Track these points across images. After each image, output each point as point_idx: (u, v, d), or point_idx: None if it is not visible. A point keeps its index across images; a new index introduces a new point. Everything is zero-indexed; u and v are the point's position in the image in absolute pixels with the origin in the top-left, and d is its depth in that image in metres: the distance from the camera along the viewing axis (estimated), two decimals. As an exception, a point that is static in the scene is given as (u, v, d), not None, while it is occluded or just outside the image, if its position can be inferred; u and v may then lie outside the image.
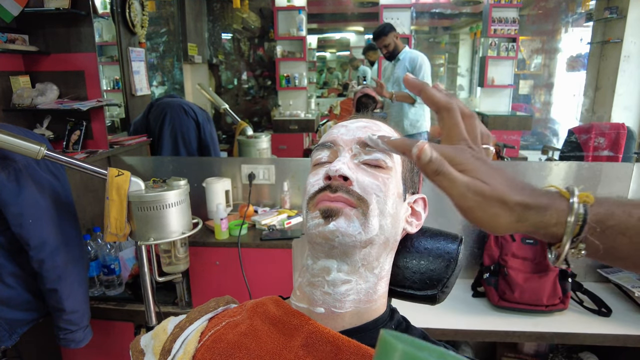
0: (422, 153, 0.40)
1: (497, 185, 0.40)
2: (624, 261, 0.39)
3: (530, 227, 0.40)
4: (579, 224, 0.38)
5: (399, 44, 3.09)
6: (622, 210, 0.38)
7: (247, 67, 5.54)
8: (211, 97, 2.84)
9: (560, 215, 0.39)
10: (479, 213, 0.40)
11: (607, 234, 0.38)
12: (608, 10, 3.32)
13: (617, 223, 0.38)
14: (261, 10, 5.39)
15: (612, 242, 0.39)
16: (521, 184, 0.41)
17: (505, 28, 4.50)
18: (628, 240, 0.38)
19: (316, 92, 5.87)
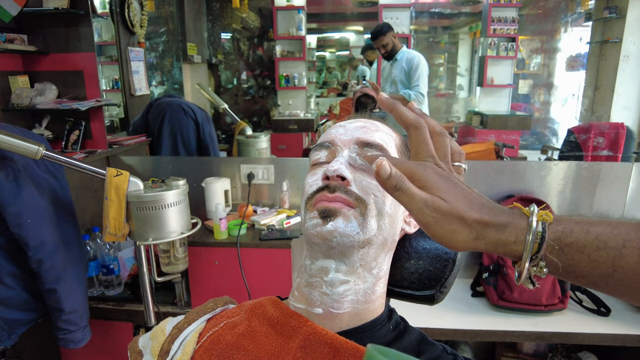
0: (380, 169, 0.41)
1: (455, 203, 0.40)
2: (585, 279, 0.39)
3: (489, 245, 0.40)
4: (537, 242, 0.39)
5: (397, 44, 3.09)
6: (580, 228, 0.39)
7: (246, 67, 5.54)
8: (210, 97, 2.84)
9: (519, 233, 0.39)
10: (437, 229, 0.41)
11: (566, 251, 0.38)
12: (607, 9, 3.32)
13: (575, 241, 0.38)
14: (260, 9, 5.39)
15: (570, 259, 0.39)
16: (481, 202, 0.41)
17: (504, 28, 4.50)
18: (586, 258, 0.38)
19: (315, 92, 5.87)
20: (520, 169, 1.88)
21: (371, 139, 0.60)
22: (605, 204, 1.86)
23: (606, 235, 0.37)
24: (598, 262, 0.37)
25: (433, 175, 0.42)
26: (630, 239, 0.37)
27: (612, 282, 0.38)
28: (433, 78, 5.67)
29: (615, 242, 0.37)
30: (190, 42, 4.12)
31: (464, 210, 0.40)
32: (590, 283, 0.39)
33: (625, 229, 0.38)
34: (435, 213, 0.40)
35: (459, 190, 0.41)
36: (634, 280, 0.37)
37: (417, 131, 0.46)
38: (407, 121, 0.46)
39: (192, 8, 4.31)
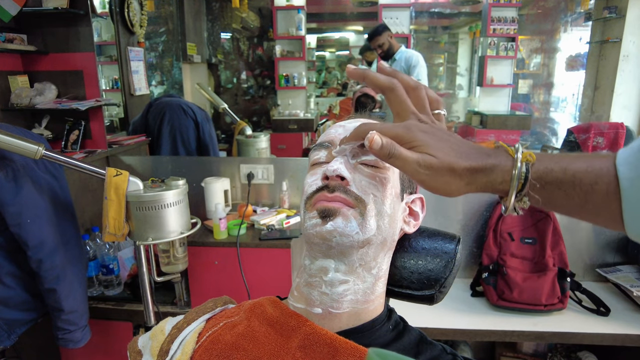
0: (373, 143, 0.44)
1: (444, 157, 0.43)
2: (560, 209, 0.44)
3: (479, 188, 0.44)
4: (521, 181, 0.42)
5: (394, 44, 3.09)
6: (559, 167, 0.43)
7: (246, 67, 5.54)
8: (210, 97, 2.84)
9: (505, 174, 0.43)
10: (433, 183, 0.44)
11: (546, 188, 0.43)
12: (607, 9, 3.32)
13: (554, 179, 0.42)
14: (260, 9, 5.39)
15: (549, 195, 0.43)
16: (467, 150, 0.44)
17: (504, 27, 4.50)
18: (563, 194, 0.43)
19: (315, 92, 5.87)
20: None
21: (371, 138, 0.60)
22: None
23: (581, 173, 0.42)
24: (573, 196, 0.42)
25: (418, 133, 0.45)
26: (602, 175, 0.41)
27: (584, 212, 0.44)
28: (433, 78, 5.67)
29: (589, 179, 0.42)
30: (190, 41, 4.12)
31: (453, 162, 0.43)
32: (565, 212, 0.45)
33: (599, 165, 0.42)
34: (428, 170, 0.43)
35: (444, 143, 0.44)
36: (602, 210, 0.42)
37: (394, 92, 0.48)
38: (382, 85, 0.49)
39: (191, 8, 4.31)
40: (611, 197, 0.42)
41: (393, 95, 0.49)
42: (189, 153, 2.47)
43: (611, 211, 0.42)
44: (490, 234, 1.79)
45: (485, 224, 1.90)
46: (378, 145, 0.44)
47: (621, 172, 0.41)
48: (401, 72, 0.51)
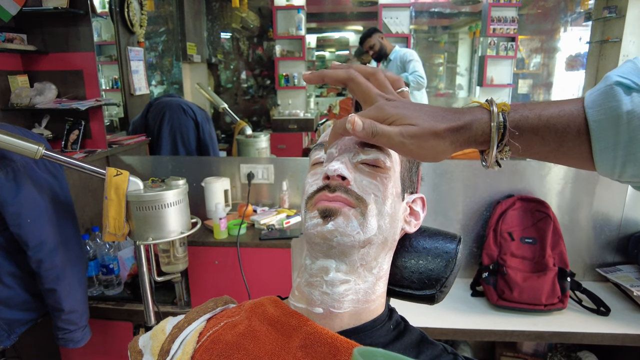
0: (355, 125, 0.45)
1: (423, 123, 0.45)
2: (537, 155, 0.47)
3: (463, 145, 0.46)
4: (501, 130, 0.44)
5: (385, 44, 3.12)
6: (534, 114, 0.45)
7: (246, 67, 5.54)
8: (210, 97, 2.84)
9: (485, 126, 0.45)
10: (420, 151, 0.46)
11: (524, 135, 0.45)
12: (607, 9, 3.32)
13: (530, 125, 0.44)
14: (260, 9, 5.38)
15: (528, 141, 0.45)
16: (442, 113, 0.46)
17: (504, 27, 4.50)
18: (540, 139, 0.45)
19: (315, 92, 5.86)
20: (519, 168, 1.88)
21: (371, 138, 0.60)
22: (604, 203, 1.86)
23: (554, 118, 0.44)
24: (549, 141, 0.45)
25: (392, 109, 0.46)
26: (572, 118, 0.44)
27: (559, 154, 0.46)
28: (433, 78, 5.67)
29: (562, 123, 0.44)
30: (190, 41, 4.11)
31: (433, 126, 0.45)
32: (541, 157, 0.47)
33: (569, 108, 0.44)
34: (412, 139, 0.45)
35: (419, 112, 0.46)
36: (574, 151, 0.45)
37: (355, 81, 0.50)
38: (341, 78, 0.50)
39: (191, 7, 4.30)
40: (582, 138, 0.44)
41: (354, 84, 0.50)
42: (189, 153, 2.47)
43: (582, 152, 0.45)
44: (490, 233, 1.79)
45: (485, 224, 1.90)
46: (360, 127, 0.45)
47: (589, 115, 0.43)
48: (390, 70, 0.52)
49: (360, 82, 0.50)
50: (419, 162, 0.69)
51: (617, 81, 0.44)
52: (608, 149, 0.43)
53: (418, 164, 0.69)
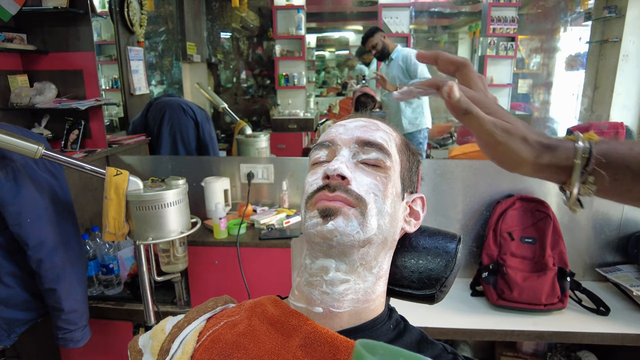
0: (452, 92, 0.44)
1: (518, 126, 0.45)
2: (629, 193, 0.44)
3: (545, 165, 0.45)
4: (586, 155, 0.43)
5: (387, 43, 3.12)
6: (625, 146, 0.44)
7: (246, 66, 5.53)
8: (210, 96, 2.83)
9: (569, 152, 0.44)
10: (505, 147, 0.45)
11: (612, 165, 0.43)
12: (607, 9, 3.32)
13: (621, 156, 0.43)
14: (260, 9, 5.38)
15: (616, 173, 0.43)
16: (536, 129, 0.46)
17: (504, 27, 4.50)
18: (631, 173, 0.42)
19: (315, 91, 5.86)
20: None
21: (372, 138, 0.60)
22: (605, 203, 1.86)
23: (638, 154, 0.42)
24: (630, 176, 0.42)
25: (494, 104, 0.47)
26: None
27: None
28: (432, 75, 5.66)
29: None
30: (190, 41, 4.11)
31: (527, 133, 0.45)
32: (634, 197, 0.44)
33: None
34: (504, 133, 0.44)
35: (517, 120, 0.46)
36: None
37: (467, 68, 0.49)
38: (458, 62, 0.50)
39: (191, 7, 4.30)
40: None
41: (468, 70, 0.50)
42: (189, 153, 2.47)
43: None
44: (490, 233, 1.79)
45: (485, 224, 1.90)
46: (456, 98, 0.44)
47: None
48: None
49: (472, 70, 0.50)
50: (419, 162, 0.69)
51: None
52: None
53: (418, 164, 0.68)
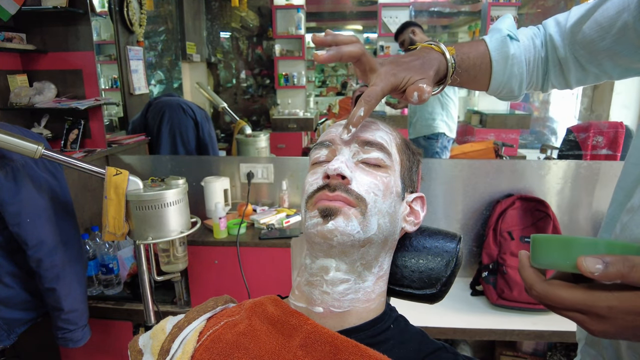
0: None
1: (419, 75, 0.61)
2: (461, 82, 0.70)
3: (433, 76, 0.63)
4: (452, 63, 0.66)
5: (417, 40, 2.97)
6: (466, 55, 0.69)
7: (245, 66, 5.53)
8: (210, 96, 2.83)
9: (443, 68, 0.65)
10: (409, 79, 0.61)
11: (460, 71, 0.67)
12: (606, 8, 3.32)
13: (466, 64, 0.68)
14: (260, 8, 5.37)
15: (461, 75, 0.68)
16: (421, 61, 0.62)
17: (504, 27, 4.49)
18: (466, 74, 0.69)
19: (315, 91, 5.86)
20: (519, 168, 1.88)
21: (371, 137, 0.60)
22: (604, 202, 1.86)
23: (476, 58, 0.70)
24: (471, 73, 0.70)
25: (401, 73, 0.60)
26: (485, 58, 0.70)
27: (471, 81, 0.72)
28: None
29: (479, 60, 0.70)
30: (190, 41, 4.11)
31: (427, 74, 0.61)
32: (464, 83, 0.73)
33: (482, 50, 0.71)
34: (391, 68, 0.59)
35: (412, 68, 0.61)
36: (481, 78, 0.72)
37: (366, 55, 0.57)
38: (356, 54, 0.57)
39: (191, 7, 4.30)
40: (487, 70, 0.71)
41: (366, 58, 0.57)
42: (189, 152, 2.47)
43: (485, 78, 0.72)
44: (489, 233, 1.79)
45: (485, 223, 1.90)
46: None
47: (493, 56, 0.70)
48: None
49: (368, 55, 0.57)
50: (419, 162, 0.69)
51: (507, 34, 0.70)
52: (498, 74, 0.71)
53: (418, 164, 0.69)
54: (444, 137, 2.97)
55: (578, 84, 0.75)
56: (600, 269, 0.37)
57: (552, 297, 0.41)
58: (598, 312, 0.40)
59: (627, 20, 0.60)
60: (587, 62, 0.70)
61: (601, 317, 0.40)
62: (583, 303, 0.40)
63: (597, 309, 0.40)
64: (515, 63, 0.70)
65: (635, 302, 0.39)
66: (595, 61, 0.69)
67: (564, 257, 0.40)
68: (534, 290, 0.43)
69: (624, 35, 0.62)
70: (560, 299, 0.41)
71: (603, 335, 0.41)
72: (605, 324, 0.40)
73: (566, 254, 0.40)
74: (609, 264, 0.37)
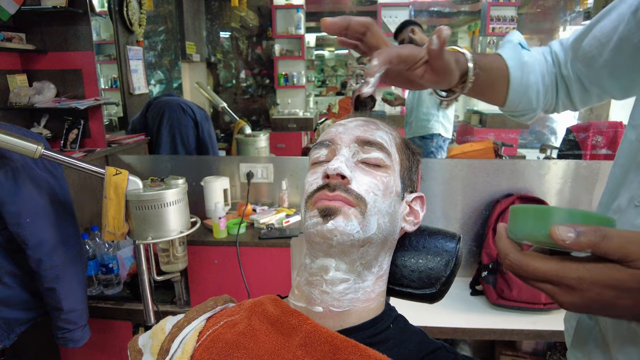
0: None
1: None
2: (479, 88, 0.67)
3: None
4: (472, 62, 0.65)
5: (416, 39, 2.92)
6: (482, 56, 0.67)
7: (245, 66, 5.53)
8: (209, 96, 2.83)
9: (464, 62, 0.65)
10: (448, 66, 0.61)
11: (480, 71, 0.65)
12: (606, 8, 3.32)
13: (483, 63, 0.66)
14: (259, 8, 5.37)
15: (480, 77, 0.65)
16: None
17: (503, 26, 4.50)
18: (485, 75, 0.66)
19: (314, 91, 5.86)
20: (519, 167, 1.88)
21: (371, 137, 0.60)
22: (604, 202, 1.86)
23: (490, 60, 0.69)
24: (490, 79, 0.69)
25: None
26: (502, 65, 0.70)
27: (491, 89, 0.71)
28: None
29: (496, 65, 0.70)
30: (189, 40, 4.11)
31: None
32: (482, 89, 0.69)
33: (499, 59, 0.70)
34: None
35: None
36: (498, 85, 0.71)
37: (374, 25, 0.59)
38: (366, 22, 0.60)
39: (191, 7, 4.30)
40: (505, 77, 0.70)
41: (375, 28, 0.60)
42: (188, 152, 2.47)
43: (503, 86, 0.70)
44: (489, 232, 1.79)
45: (485, 223, 1.90)
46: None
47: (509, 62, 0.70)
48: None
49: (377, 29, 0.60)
50: (419, 161, 0.69)
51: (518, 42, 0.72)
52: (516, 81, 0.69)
53: (418, 163, 0.69)
54: (440, 137, 2.96)
55: (582, 104, 0.75)
56: (572, 237, 0.37)
57: (525, 267, 0.42)
58: (568, 282, 0.40)
59: (622, 32, 0.61)
60: (589, 81, 0.70)
61: (571, 288, 0.40)
62: (554, 273, 0.40)
63: (567, 279, 0.40)
64: (530, 71, 0.70)
65: (604, 274, 0.39)
66: (596, 79, 0.69)
67: (539, 227, 0.40)
68: (507, 259, 0.43)
69: (621, 49, 0.62)
70: (533, 268, 0.41)
71: (572, 308, 0.42)
72: (574, 296, 0.40)
73: (542, 223, 0.40)
74: (581, 233, 0.37)
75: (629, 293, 0.39)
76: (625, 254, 0.38)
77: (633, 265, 0.38)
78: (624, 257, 0.38)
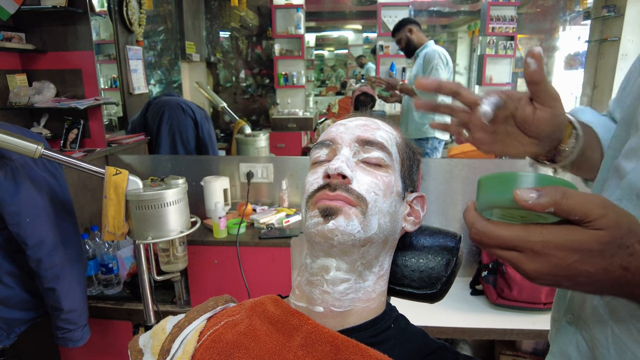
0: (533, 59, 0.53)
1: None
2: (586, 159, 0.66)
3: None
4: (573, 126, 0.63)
5: (413, 39, 2.92)
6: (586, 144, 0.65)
7: (245, 66, 5.53)
8: (209, 96, 2.83)
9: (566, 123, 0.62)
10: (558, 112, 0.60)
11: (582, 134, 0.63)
12: (606, 8, 3.32)
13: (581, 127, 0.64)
14: (259, 8, 5.37)
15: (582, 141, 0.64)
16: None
17: (503, 26, 4.50)
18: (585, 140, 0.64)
19: (314, 91, 5.86)
20: (519, 167, 1.88)
21: (372, 137, 0.60)
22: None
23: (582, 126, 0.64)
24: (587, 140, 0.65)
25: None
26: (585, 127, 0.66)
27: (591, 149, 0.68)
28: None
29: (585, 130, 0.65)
30: (189, 40, 4.11)
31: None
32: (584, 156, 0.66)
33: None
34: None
35: None
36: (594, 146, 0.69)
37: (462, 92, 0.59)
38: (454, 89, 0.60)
39: (190, 6, 4.29)
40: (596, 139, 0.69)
41: (466, 92, 0.60)
42: (188, 152, 2.47)
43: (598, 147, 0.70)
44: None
45: (485, 223, 1.89)
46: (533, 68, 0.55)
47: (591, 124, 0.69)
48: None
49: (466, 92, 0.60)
50: (419, 161, 0.69)
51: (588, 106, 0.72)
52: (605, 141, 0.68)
53: (419, 163, 0.69)
54: (435, 139, 2.96)
55: None
56: (534, 197, 0.37)
57: (490, 234, 0.41)
58: (532, 247, 0.40)
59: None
60: None
61: (535, 253, 0.40)
62: (519, 239, 0.40)
63: (532, 244, 0.39)
64: (609, 129, 0.69)
65: (568, 235, 0.38)
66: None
67: (503, 192, 0.39)
68: (473, 228, 0.42)
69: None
70: (498, 234, 0.41)
71: (538, 275, 0.41)
72: (539, 261, 0.40)
73: (506, 188, 0.39)
74: (542, 193, 0.37)
75: (590, 256, 0.38)
76: (586, 213, 0.37)
77: (593, 226, 0.38)
78: (585, 216, 0.37)
